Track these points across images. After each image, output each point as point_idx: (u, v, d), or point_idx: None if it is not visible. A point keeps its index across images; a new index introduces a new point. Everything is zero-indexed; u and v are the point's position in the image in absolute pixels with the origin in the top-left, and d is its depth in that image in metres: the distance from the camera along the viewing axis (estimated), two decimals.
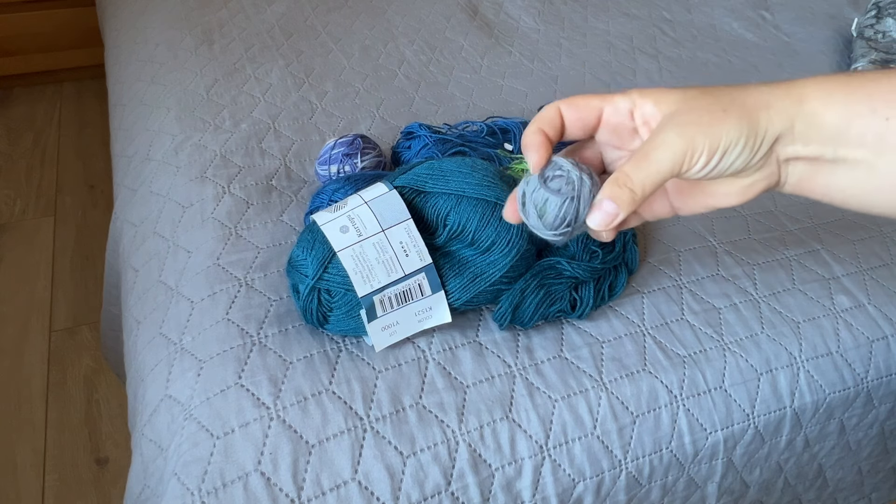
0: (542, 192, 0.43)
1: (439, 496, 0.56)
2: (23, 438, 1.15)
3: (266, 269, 0.69)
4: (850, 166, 0.41)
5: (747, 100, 0.40)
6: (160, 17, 1.20)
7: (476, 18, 1.28)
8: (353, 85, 1.03)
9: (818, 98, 0.40)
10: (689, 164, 0.39)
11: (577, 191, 0.42)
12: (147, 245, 0.76)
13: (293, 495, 0.53)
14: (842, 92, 0.40)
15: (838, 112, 0.39)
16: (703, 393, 0.64)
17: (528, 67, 1.13)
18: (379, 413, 0.57)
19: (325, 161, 0.77)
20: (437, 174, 0.63)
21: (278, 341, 0.62)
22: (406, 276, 0.59)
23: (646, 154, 0.39)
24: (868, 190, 0.41)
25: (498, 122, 0.85)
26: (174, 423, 0.57)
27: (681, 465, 0.64)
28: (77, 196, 1.66)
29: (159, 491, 0.55)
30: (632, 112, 0.43)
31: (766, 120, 0.39)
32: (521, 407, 0.60)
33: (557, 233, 0.44)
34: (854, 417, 0.71)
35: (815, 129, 0.40)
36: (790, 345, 0.68)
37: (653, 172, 0.39)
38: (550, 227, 0.43)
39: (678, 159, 0.39)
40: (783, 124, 0.40)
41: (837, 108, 0.39)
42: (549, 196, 0.43)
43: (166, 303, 0.67)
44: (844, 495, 0.80)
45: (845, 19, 1.35)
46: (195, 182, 0.80)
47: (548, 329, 0.66)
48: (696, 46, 1.24)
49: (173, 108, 0.94)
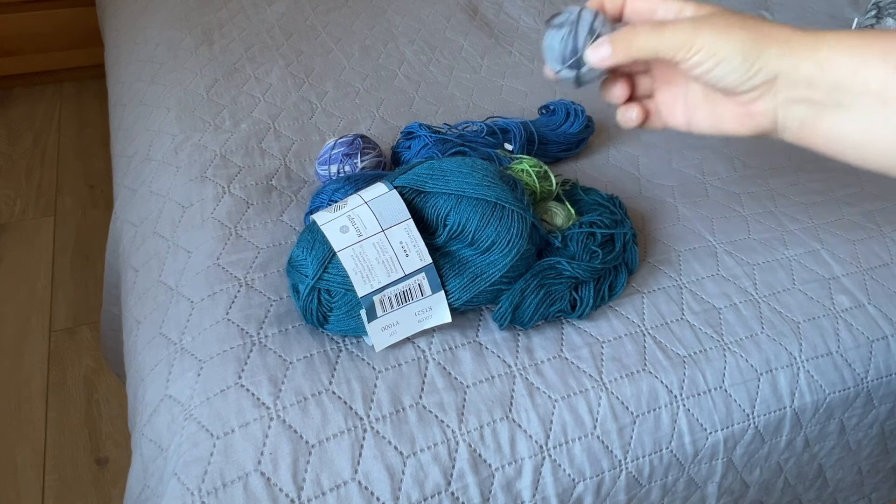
0: (548, 31, 0.49)
1: (439, 496, 0.56)
2: (23, 438, 1.16)
3: (266, 269, 0.69)
4: (854, 112, 0.41)
5: (771, 30, 0.42)
6: (160, 17, 1.20)
7: (476, 18, 1.28)
8: (353, 85, 1.03)
9: (831, 44, 0.41)
10: (685, 55, 0.43)
11: (575, 25, 0.48)
12: (147, 245, 0.76)
13: (293, 495, 0.53)
14: (858, 39, 0.40)
15: (848, 58, 0.40)
16: (703, 393, 0.64)
17: (528, 67, 1.13)
18: (379, 413, 0.57)
19: (325, 161, 0.77)
20: (437, 174, 0.63)
21: (278, 341, 0.62)
22: (406, 276, 0.59)
23: (661, 25, 0.44)
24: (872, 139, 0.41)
25: (498, 122, 0.85)
26: (174, 423, 0.57)
27: (681, 465, 0.64)
28: (77, 196, 1.66)
29: (159, 491, 0.55)
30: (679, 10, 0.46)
31: (775, 53, 0.41)
32: (521, 407, 0.60)
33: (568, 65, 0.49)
34: (854, 417, 0.71)
35: (823, 73, 0.41)
36: (790, 345, 0.68)
37: (653, 41, 0.44)
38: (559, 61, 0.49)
39: (679, 44, 0.43)
40: (789, 63, 0.41)
41: (848, 54, 0.40)
42: (551, 31, 0.49)
43: (166, 303, 0.67)
44: (844, 495, 0.80)
45: (845, 19, 1.35)
46: (195, 182, 0.80)
47: (548, 329, 0.66)
48: None
49: (173, 108, 0.94)
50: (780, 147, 0.98)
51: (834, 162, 0.96)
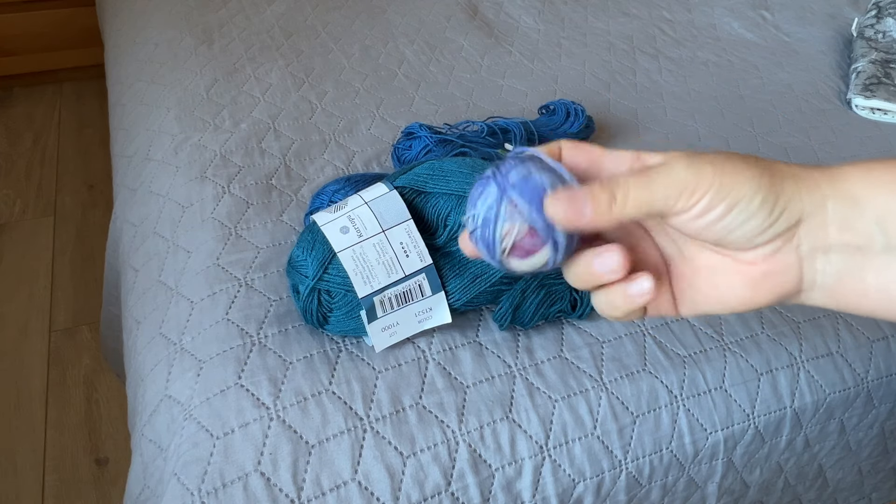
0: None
1: (439, 496, 0.56)
2: (23, 438, 1.15)
3: (266, 269, 0.69)
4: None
5: (774, 165, 0.33)
6: (160, 17, 1.20)
7: (476, 18, 1.27)
8: (353, 85, 1.02)
9: (858, 176, 0.32)
10: (688, 202, 0.31)
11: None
12: (147, 245, 0.76)
13: (293, 496, 0.53)
14: (886, 169, 0.32)
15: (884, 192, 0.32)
16: (703, 393, 0.64)
17: (528, 67, 1.13)
18: (379, 413, 0.57)
19: None
20: (437, 174, 0.63)
21: (278, 341, 0.62)
22: (406, 276, 0.59)
23: (646, 173, 0.32)
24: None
25: (498, 122, 0.85)
26: (174, 423, 0.57)
27: (681, 465, 0.64)
28: (77, 196, 1.66)
29: (159, 491, 0.55)
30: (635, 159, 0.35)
31: (793, 190, 0.32)
32: (521, 407, 0.60)
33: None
34: (854, 417, 0.71)
35: (857, 210, 0.32)
36: (790, 345, 0.68)
37: (644, 193, 0.32)
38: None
39: (677, 191, 0.31)
40: (811, 202, 0.32)
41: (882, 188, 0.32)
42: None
43: (166, 303, 0.67)
44: (844, 495, 0.79)
45: (845, 19, 1.35)
46: (195, 182, 0.80)
47: (548, 329, 0.66)
48: (696, 46, 1.24)
49: (173, 108, 0.94)
50: (780, 149, 0.98)
51: (834, 162, 0.96)
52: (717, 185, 0.31)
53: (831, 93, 1.13)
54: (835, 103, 1.11)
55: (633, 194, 0.32)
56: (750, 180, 0.31)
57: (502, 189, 0.32)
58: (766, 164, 0.32)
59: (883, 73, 1.11)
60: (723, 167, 0.32)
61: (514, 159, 0.33)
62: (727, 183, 0.31)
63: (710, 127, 1.01)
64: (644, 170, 0.33)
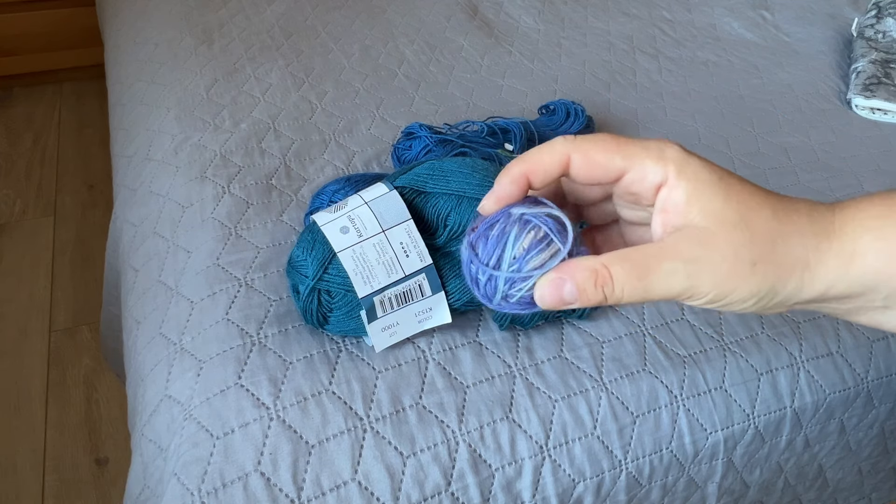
0: None
1: (439, 496, 0.56)
2: (23, 438, 1.15)
3: (266, 269, 0.69)
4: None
5: (790, 252, 0.33)
6: (160, 17, 1.20)
7: (476, 18, 1.27)
8: (353, 85, 1.02)
9: (874, 254, 0.33)
10: (685, 300, 0.34)
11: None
12: (147, 245, 0.75)
13: (293, 496, 0.53)
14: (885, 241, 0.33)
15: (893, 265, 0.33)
16: (703, 393, 0.64)
17: (528, 67, 1.13)
18: (379, 413, 0.57)
19: None
20: (437, 174, 0.63)
21: (278, 341, 0.62)
22: (406, 276, 0.59)
23: (646, 268, 0.33)
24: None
25: (498, 122, 0.85)
26: (174, 423, 0.57)
27: (681, 465, 0.64)
28: (77, 196, 1.66)
29: (159, 491, 0.55)
30: (659, 187, 0.34)
31: (797, 283, 0.34)
32: (521, 407, 0.60)
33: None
34: (854, 417, 0.71)
35: (863, 287, 0.34)
36: (790, 345, 0.68)
37: (639, 291, 0.33)
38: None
39: (673, 294, 0.33)
40: (817, 289, 0.34)
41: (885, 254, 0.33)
42: None
43: (166, 303, 0.67)
44: (845, 495, 0.79)
45: (845, 19, 1.35)
46: (195, 182, 0.80)
47: (548, 329, 0.66)
48: (696, 46, 1.24)
49: (173, 108, 0.94)
50: (780, 149, 0.98)
51: (834, 162, 0.96)
52: (714, 293, 0.33)
53: (831, 93, 1.13)
54: (835, 103, 1.11)
55: (627, 296, 0.33)
56: (749, 287, 0.33)
57: None
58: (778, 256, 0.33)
59: (883, 73, 1.11)
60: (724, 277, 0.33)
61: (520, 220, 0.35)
62: (724, 291, 0.33)
63: (710, 127, 1.01)
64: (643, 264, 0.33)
